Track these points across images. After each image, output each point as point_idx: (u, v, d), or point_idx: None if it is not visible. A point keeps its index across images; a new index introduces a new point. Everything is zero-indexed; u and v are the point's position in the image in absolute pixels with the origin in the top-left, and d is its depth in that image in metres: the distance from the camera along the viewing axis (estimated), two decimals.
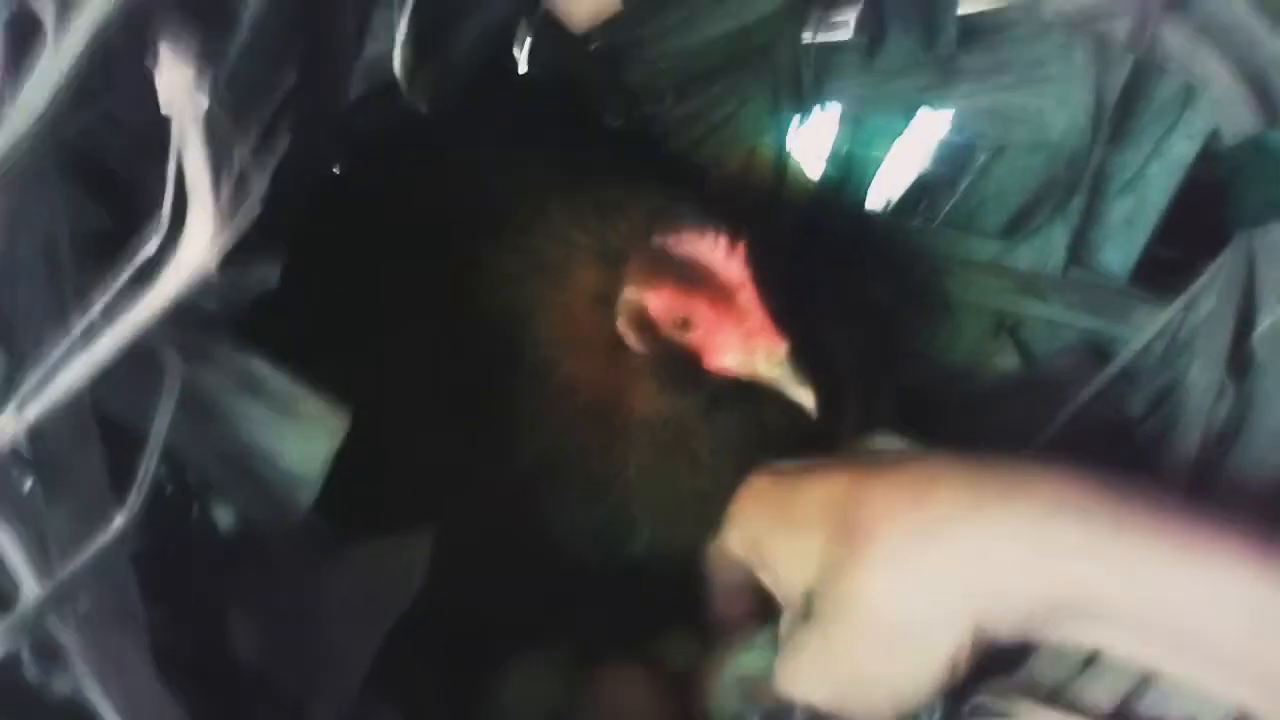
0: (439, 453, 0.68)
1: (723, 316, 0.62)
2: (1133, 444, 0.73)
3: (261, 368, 0.49)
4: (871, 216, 0.94)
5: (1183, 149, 0.72)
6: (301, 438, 0.49)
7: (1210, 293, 0.68)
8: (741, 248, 0.61)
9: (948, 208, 0.89)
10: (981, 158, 0.86)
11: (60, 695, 0.42)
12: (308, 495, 0.50)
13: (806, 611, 0.57)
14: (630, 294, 0.63)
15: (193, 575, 0.54)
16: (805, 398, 0.62)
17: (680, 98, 0.93)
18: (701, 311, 0.62)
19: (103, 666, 0.40)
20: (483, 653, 0.71)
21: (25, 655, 0.42)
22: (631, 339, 0.65)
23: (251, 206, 0.37)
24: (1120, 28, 0.63)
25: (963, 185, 0.88)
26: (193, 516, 0.56)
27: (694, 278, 0.61)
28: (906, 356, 0.91)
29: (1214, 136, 0.67)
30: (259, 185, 0.37)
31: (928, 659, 0.51)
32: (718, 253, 0.61)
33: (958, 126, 0.86)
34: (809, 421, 0.63)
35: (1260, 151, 0.62)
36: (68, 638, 0.39)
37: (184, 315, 0.45)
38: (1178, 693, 0.51)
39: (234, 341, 0.50)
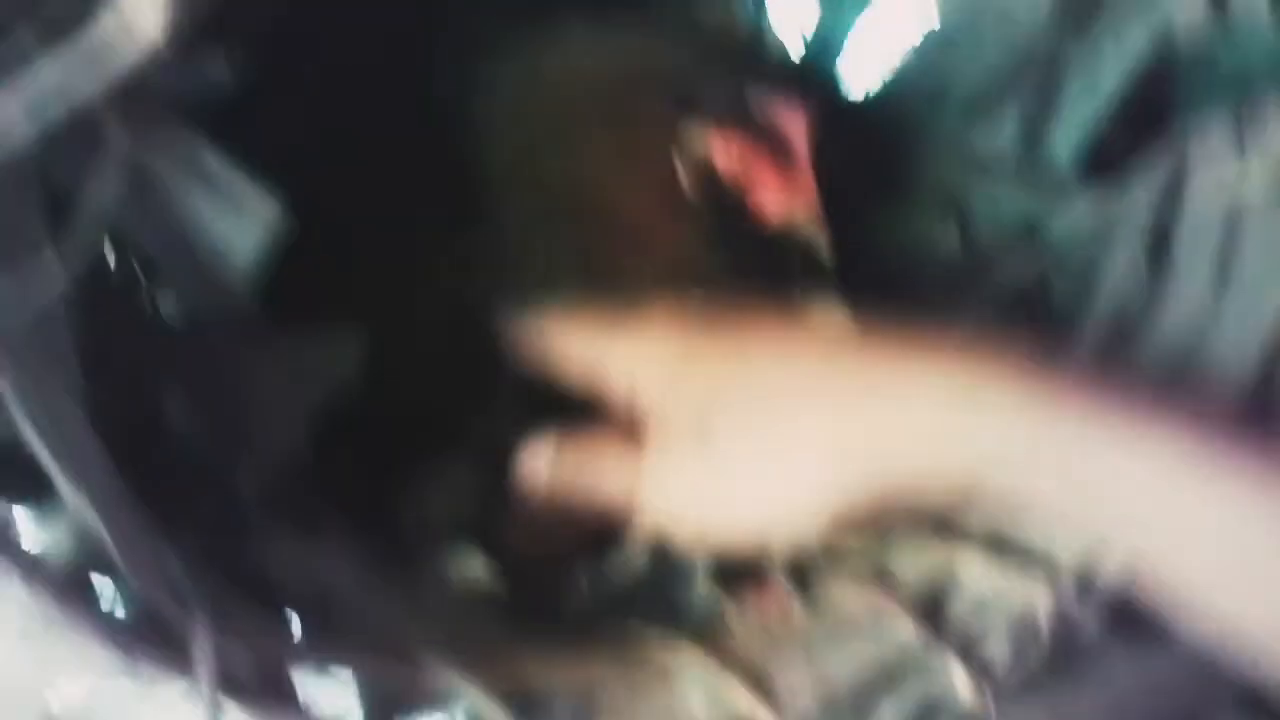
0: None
1: (778, 174, 0.65)
2: (1052, 324, 0.77)
3: (208, 157, 0.51)
4: (842, 89, 0.95)
5: (1138, 37, 0.72)
6: (242, 227, 0.51)
7: (1142, 182, 0.71)
8: (804, 113, 0.64)
9: (915, 82, 0.90)
10: (955, 28, 0.86)
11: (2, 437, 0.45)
12: (242, 280, 0.53)
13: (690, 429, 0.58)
14: (694, 144, 0.68)
15: (132, 351, 0.57)
16: (824, 255, 0.69)
17: None
18: (760, 166, 0.66)
19: (34, 407, 0.43)
20: (409, 455, 0.76)
21: None
22: (689, 185, 0.68)
23: None
24: None
25: (931, 60, 0.89)
26: (135, 297, 0.59)
27: (758, 134, 0.67)
28: (859, 231, 0.93)
29: (1167, 26, 0.68)
30: None
31: (810, 493, 0.55)
32: (782, 114, 0.64)
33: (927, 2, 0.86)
34: None
35: (1207, 45, 0.63)
36: (4, 385, 0.42)
37: (134, 95, 0.47)
38: None
39: (183, 130, 0.52)
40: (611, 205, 0.71)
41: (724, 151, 0.68)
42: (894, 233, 0.93)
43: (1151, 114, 0.70)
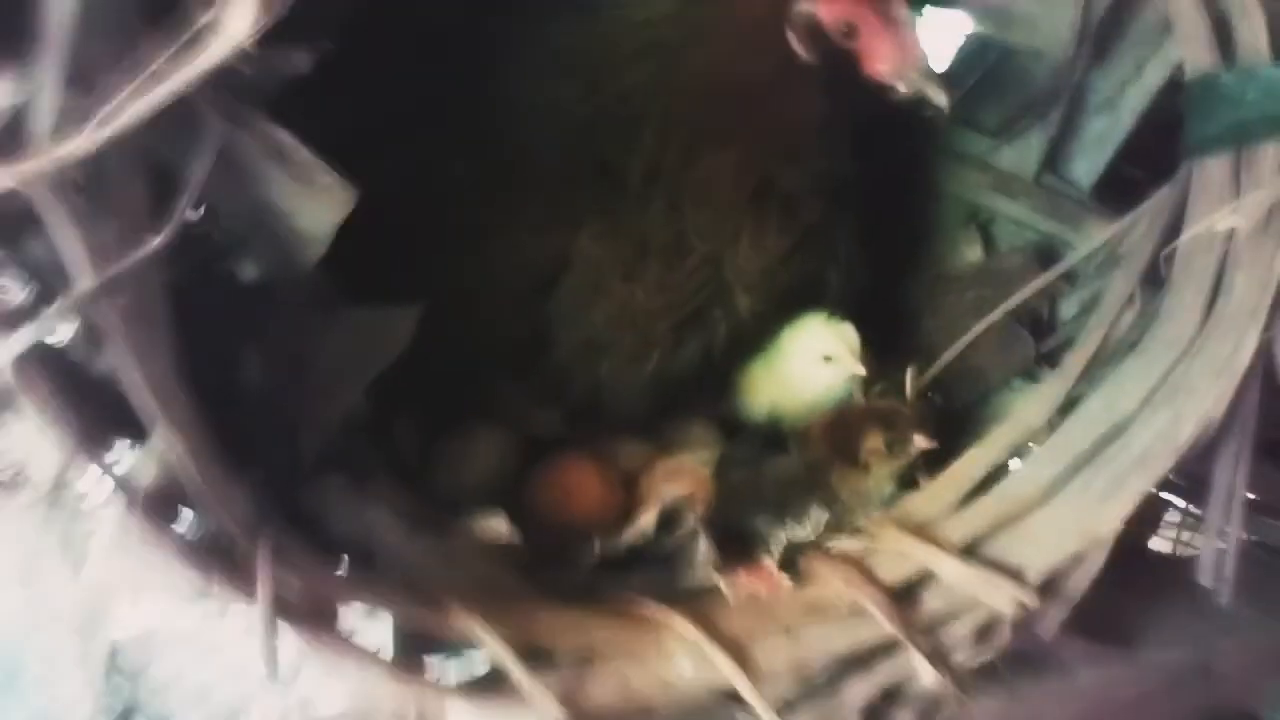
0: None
1: (883, 28, 0.72)
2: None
3: (288, 139, 0.57)
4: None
5: (1156, 75, 0.76)
6: (315, 204, 0.58)
7: (1149, 211, 0.75)
8: None
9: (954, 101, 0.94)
10: (990, 58, 0.91)
11: (99, 373, 0.53)
12: (314, 253, 0.59)
13: None
14: (804, 5, 0.74)
15: (217, 312, 0.65)
16: (940, 98, 0.73)
17: None
18: (867, 21, 0.72)
19: (131, 354, 0.50)
20: (455, 419, 0.82)
21: (74, 337, 0.53)
22: (801, 46, 0.74)
23: None
24: None
25: (971, 81, 0.93)
26: (222, 265, 0.66)
27: None
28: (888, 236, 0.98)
29: (1179, 69, 0.72)
30: None
31: None
32: None
33: (964, 22, 0.90)
34: None
35: (1212, 88, 0.67)
36: (108, 323, 0.49)
37: (227, 82, 0.53)
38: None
39: (268, 114, 0.58)
40: (732, 77, 0.75)
41: (830, 12, 0.73)
42: (920, 238, 0.98)
43: (1160, 149, 0.74)
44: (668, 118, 0.78)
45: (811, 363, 0.83)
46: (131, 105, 0.45)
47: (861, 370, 0.81)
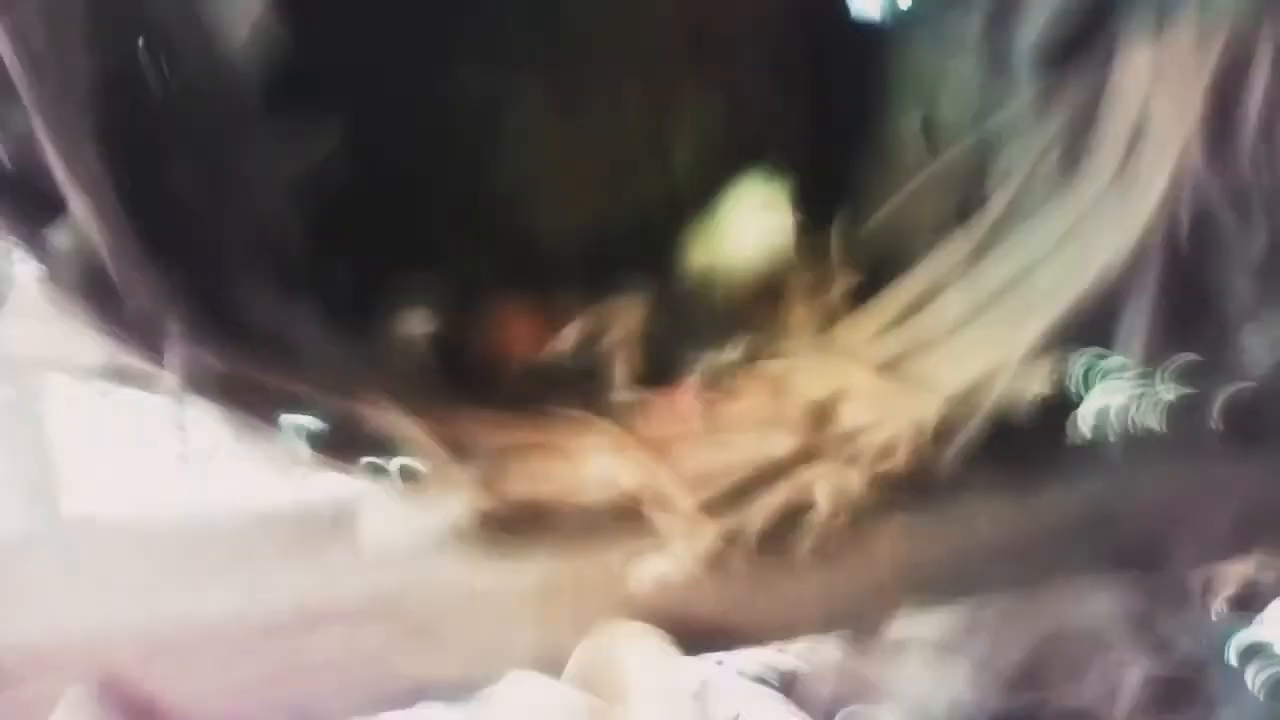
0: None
1: None
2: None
3: None
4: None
5: None
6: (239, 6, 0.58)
7: (1077, 76, 0.76)
8: None
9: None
10: None
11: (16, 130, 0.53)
12: (239, 57, 0.59)
13: None
14: None
15: (142, 112, 0.64)
16: None
17: None
18: None
19: (49, 118, 0.51)
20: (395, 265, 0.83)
21: None
22: None
23: None
24: None
25: None
26: (157, 78, 0.66)
27: None
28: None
29: None
30: None
31: None
32: None
33: None
34: None
35: None
36: (23, 81, 0.49)
37: None
38: None
39: None
40: None
41: None
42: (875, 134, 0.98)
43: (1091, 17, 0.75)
44: None
45: (743, 210, 0.85)
46: None
47: (788, 222, 0.83)
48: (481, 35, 0.79)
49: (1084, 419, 0.89)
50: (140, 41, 0.64)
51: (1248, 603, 0.83)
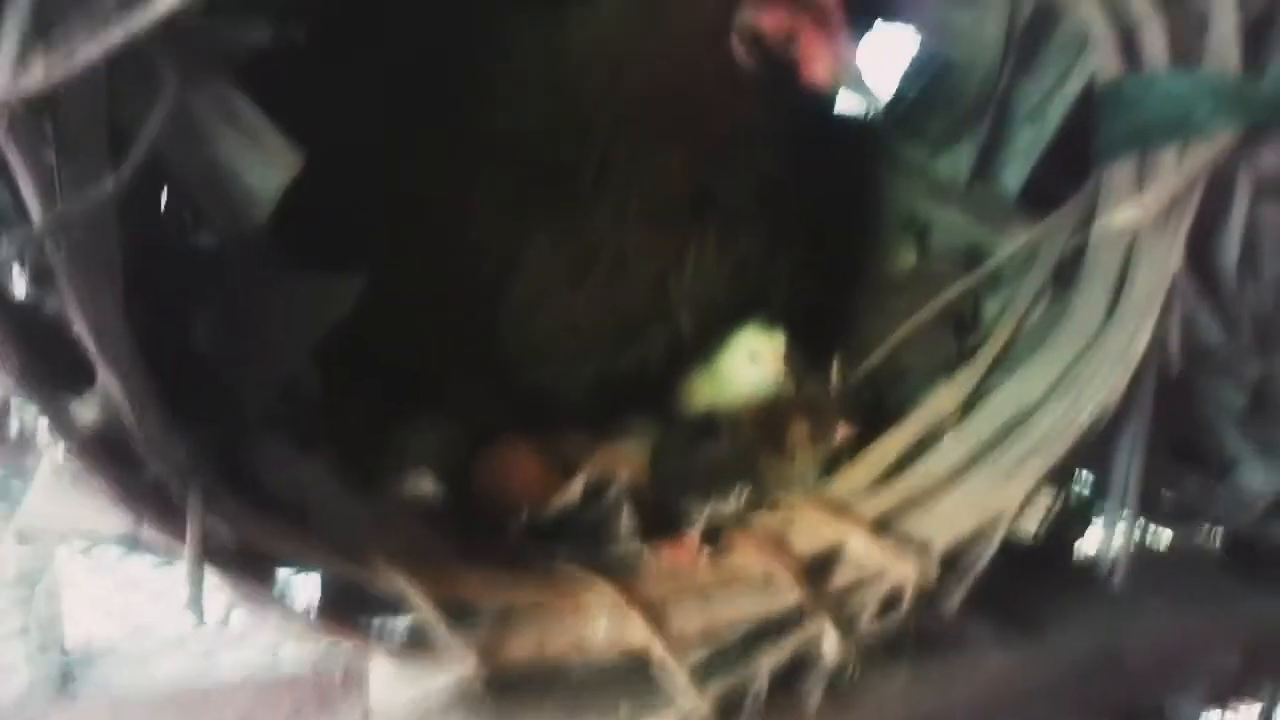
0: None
1: (819, 36, 0.77)
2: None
3: (241, 101, 0.60)
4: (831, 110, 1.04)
5: (1076, 85, 0.81)
6: (263, 165, 0.61)
7: (1065, 215, 0.79)
8: None
9: (899, 112, 0.99)
10: (932, 71, 0.95)
11: (49, 312, 0.55)
12: (261, 213, 0.62)
13: None
14: (746, 15, 0.78)
15: (167, 270, 0.67)
16: (872, 100, 0.79)
17: None
18: (804, 29, 0.77)
19: (81, 292, 0.52)
20: (406, 404, 0.85)
21: (23, 276, 0.55)
22: (743, 54, 0.79)
23: None
24: None
25: (915, 92, 0.97)
26: (175, 222, 0.69)
27: (799, 3, 0.77)
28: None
29: (1093, 77, 0.77)
30: None
31: None
32: None
33: (909, 39, 0.95)
34: None
35: (1117, 94, 0.72)
36: (59, 263, 0.51)
37: (186, 45, 0.57)
38: None
39: (224, 79, 0.61)
40: (679, 83, 0.79)
41: (771, 22, 0.77)
42: (858, 244, 1.02)
43: (1076, 156, 0.78)
44: (616, 122, 0.82)
45: (740, 360, 0.88)
46: (87, 47, 0.47)
47: (783, 373, 0.85)
48: (496, 197, 0.82)
49: (1084, 551, 0.90)
50: (171, 208, 0.68)
51: None
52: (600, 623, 0.64)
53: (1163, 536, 0.94)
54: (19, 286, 0.56)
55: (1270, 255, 0.74)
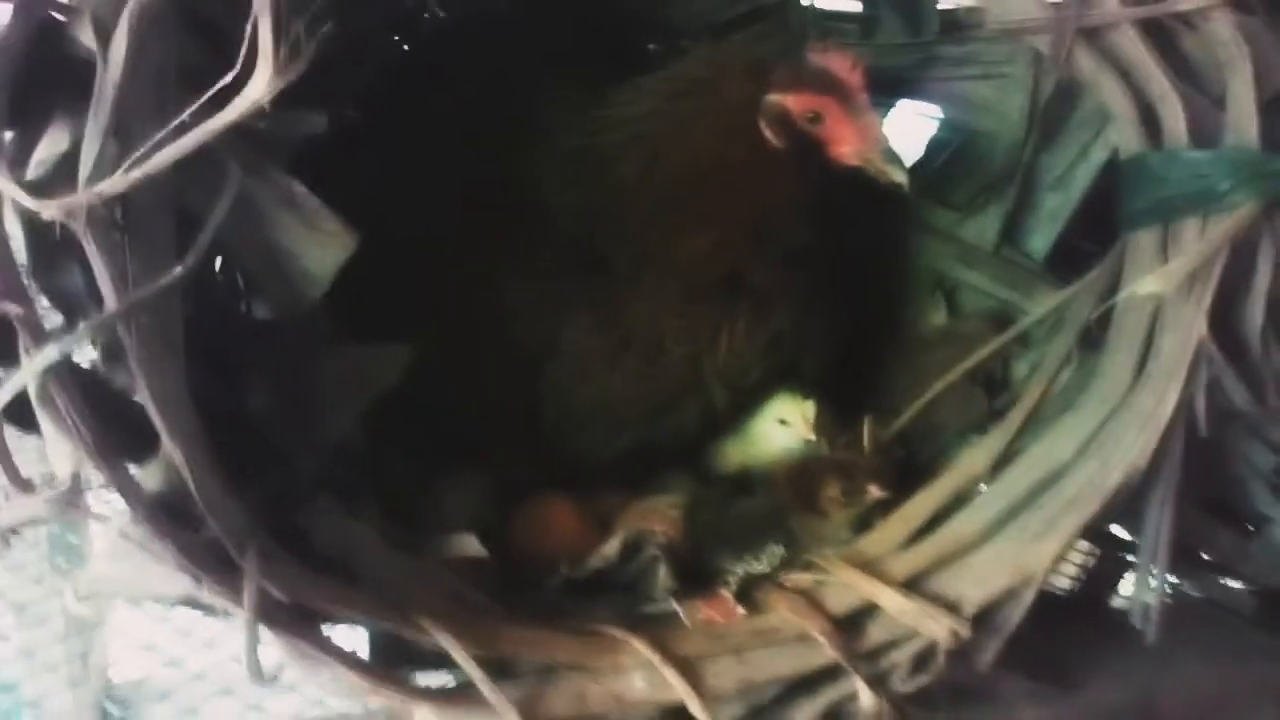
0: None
1: (846, 115, 0.79)
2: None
3: (299, 189, 0.64)
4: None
5: (1099, 156, 0.83)
6: (319, 246, 0.65)
7: (1091, 281, 0.81)
8: (860, 65, 0.79)
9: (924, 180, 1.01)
10: (955, 141, 0.98)
11: (118, 385, 0.59)
12: (316, 291, 0.66)
13: None
14: (773, 97, 0.80)
15: (227, 342, 0.71)
16: (899, 177, 0.79)
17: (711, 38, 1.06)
18: (831, 109, 0.79)
19: (148, 369, 0.56)
20: (447, 461, 0.88)
21: (98, 357, 0.59)
22: (771, 134, 0.81)
23: (301, 64, 0.52)
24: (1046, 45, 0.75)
25: (939, 162, 1.00)
26: (234, 299, 0.73)
27: (824, 84, 0.79)
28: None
29: (1115, 151, 0.79)
30: (309, 49, 0.52)
31: None
32: (843, 65, 0.79)
33: (934, 109, 0.97)
34: None
35: (1140, 168, 0.74)
36: (129, 343, 0.55)
37: (247, 137, 0.61)
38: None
39: (282, 166, 0.66)
40: (711, 167, 0.82)
41: (798, 103, 0.79)
42: (890, 304, 1.04)
43: (1099, 224, 0.80)
44: (653, 207, 0.85)
45: (771, 425, 0.91)
46: (161, 153, 0.52)
47: (812, 437, 0.88)
48: (535, 278, 0.86)
49: (1119, 604, 0.90)
50: (228, 282, 0.72)
51: None
52: (637, 678, 0.66)
53: (1197, 592, 0.94)
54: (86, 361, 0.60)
55: None
